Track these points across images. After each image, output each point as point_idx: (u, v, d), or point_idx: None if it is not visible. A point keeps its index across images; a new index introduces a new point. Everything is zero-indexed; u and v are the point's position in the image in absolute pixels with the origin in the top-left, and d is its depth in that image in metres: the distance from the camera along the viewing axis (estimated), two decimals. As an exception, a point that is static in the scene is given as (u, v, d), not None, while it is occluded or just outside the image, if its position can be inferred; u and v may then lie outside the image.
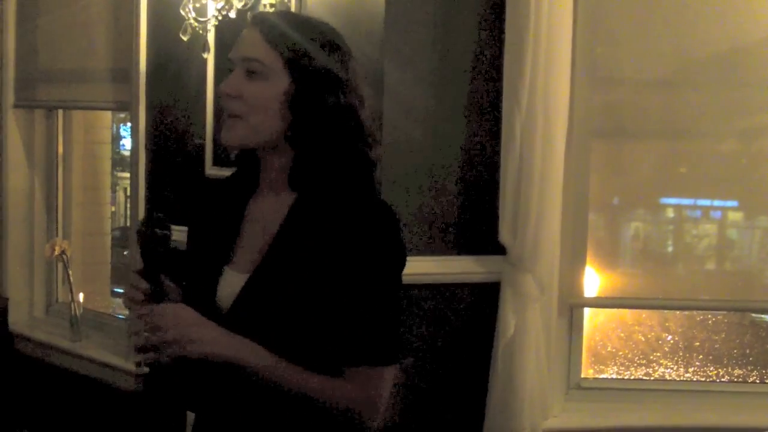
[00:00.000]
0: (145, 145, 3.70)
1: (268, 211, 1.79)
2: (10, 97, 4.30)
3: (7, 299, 4.32)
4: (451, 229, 3.06)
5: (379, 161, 1.80)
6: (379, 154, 1.80)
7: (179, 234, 1.87)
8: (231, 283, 1.77)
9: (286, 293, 1.69)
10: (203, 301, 1.78)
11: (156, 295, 1.74)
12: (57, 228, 4.40)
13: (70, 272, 4.15)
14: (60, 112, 4.37)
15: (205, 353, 1.65)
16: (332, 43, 1.78)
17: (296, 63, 1.73)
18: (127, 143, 6.11)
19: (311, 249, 1.70)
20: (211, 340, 1.66)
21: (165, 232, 1.76)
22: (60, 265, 4.28)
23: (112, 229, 4.68)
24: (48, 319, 4.38)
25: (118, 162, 5.78)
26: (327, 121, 1.73)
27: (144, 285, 1.74)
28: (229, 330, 1.69)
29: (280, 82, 1.73)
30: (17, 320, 4.33)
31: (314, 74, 1.73)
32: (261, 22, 1.77)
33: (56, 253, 4.15)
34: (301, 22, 1.84)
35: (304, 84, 1.73)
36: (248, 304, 1.73)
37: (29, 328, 4.31)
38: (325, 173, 1.74)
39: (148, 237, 1.76)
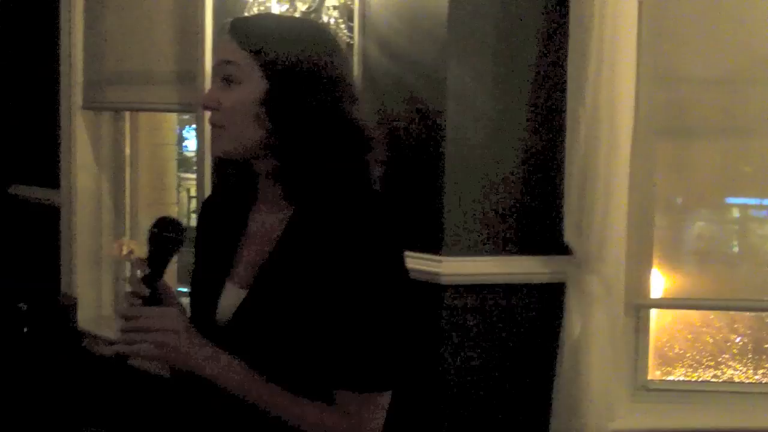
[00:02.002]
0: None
1: (266, 225, 1.74)
2: (78, 99, 4.37)
3: (76, 298, 4.40)
4: (514, 229, 3.05)
5: (377, 160, 1.70)
6: (378, 155, 1.71)
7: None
8: (230, 298, 1.73)
9: (282, 310, 1.64)
10: (204, 314, 1.75)
11: (151, 302, 1.67)
12: (125, 228, 4.48)
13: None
14: (127, 113, 4.44)
15: (188, 365, 1.63)
16: (313, 40, 1.68)
17: (271, 64, 1.64)
18: (189, 144, 6.20)
19: (308, 266, 1.63)
20: (195, 353, 1.63)
21: (176, 236, 1.69)
22: (128, 265, 4.35)
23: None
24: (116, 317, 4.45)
25: (181, 163, 5.86)
26: (309, 124, 1.64)
27: (146, 291, 1.67)
28: (228, 345, 1.65)
29: (256, 87, 1.64)
30: (85, 318, 4.41)
31: (290, 74, 1.63)
32: (234, 26, 1.68)
33: (124, 253, 4.22)
34: (276, 22, 1.77)
35: (281, 85, 1.64)
36: (245, 320, 1.68)
37: (97, 326, 4.38)
38: (318, 182, 1.66)
39: (157, 239, 1.68)
